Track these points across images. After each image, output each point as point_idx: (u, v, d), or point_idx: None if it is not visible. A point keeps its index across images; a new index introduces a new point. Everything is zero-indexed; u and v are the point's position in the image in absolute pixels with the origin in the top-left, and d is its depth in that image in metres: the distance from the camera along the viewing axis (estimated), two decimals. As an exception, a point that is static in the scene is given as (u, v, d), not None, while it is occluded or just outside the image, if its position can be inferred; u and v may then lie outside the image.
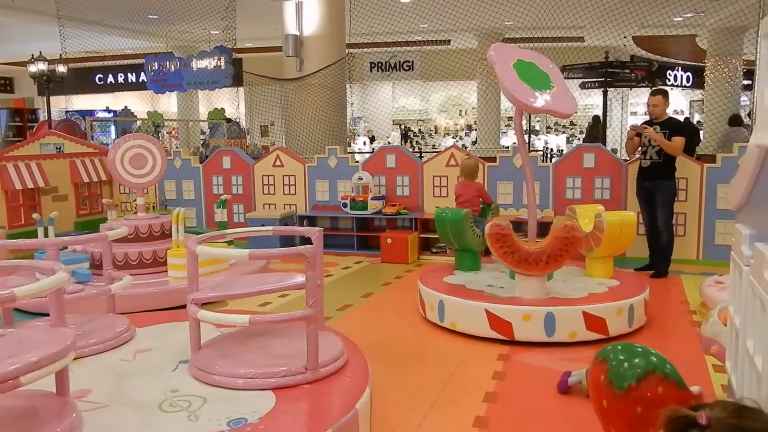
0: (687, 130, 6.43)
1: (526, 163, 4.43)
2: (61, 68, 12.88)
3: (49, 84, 13.01)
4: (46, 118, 13.56)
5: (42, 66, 12.91)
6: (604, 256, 4.79)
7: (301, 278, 2.94)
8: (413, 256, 6.92)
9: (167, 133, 17.41)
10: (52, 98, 14.00)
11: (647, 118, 6.20)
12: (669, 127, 5.81)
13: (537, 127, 19.85)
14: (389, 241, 6.88)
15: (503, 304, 4.13)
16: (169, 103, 20.89)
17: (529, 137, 18.79)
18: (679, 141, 5.73)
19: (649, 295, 4.53)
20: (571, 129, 19.75)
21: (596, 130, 13.77)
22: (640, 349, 2.32)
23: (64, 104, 16.26)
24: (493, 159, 7.25)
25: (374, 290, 5.76)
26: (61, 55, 12.31)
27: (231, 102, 15.09)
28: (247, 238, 6.55)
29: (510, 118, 20.01)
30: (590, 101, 17.83)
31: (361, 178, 7.41)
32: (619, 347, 2.34)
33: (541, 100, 4.07)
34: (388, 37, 13.92)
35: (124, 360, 3.20)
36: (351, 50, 9.60)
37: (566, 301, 4.18)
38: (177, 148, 12.45)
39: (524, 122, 20.28)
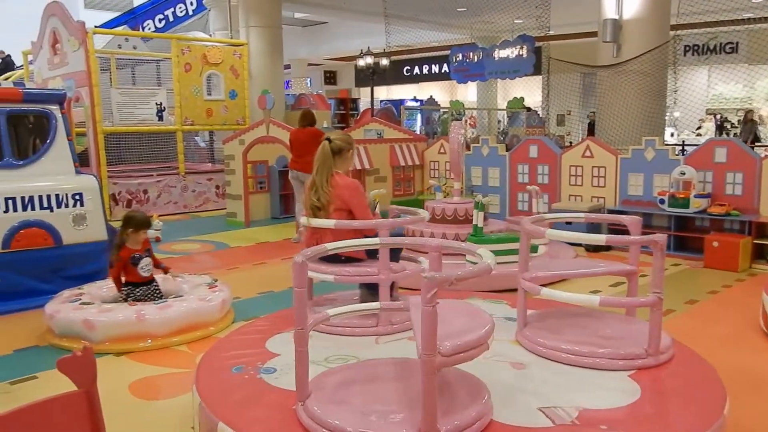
0: None
1: None
2: (384, 61, 14.26)
3: (374, 76, 14.50)
4: (368, 107, 15.13)
5: (369, 60, 14.45)
6: None
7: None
8: (744, 263, 6.09)
9: (464, 121, 18.11)
10: (365, 88, 15.59)
11: None
12: None
13: None
14: (715, 244, 6.15)
15: None
16: (467, 93, 21.72)
17: None
18: None
19: None
20: None
21: None
22: None
23: (385, 94, 17.97)
24: None
25: (699, 297, 5.21)
26: (384, 49, 13.60)
27: (528, 91, 15.05)
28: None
29: None
30: None
31: (684, 173, 6.74)
32: None
33: None
34: (711, 16, 12.44)
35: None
36: (679, 32, 8.77)
37: None
38: (472, 135, 12.90)
39: None
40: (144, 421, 3.08)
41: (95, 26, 11.08)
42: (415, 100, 20.60)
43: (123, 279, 4.44)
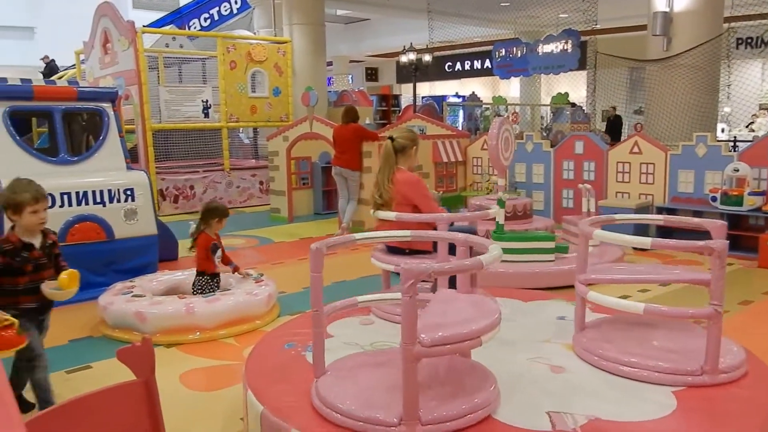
0: None
1: None
2: (427, 57, 14.24)
3: (416, 72, 14.48)
4: (410, 103, 15.11)
5: (411, 56, 14.45)
6: None
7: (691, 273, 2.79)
8: (803, 264, 5.88)
9: (507, 117, 17.90)
10: (406, 84, 15.58)
11: None
12: None
13: None
14: (771, 243, 5.96)
15: None
16: (509, 89, 21.48)
17: None
18: None
19: None
20: None
21: None
22: None
23: (427, 90, 17.93)
24: None
25: (753, 298, 5.05)
26: (427, 45, 13.57)
27: (573, 86, 14.81)
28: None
29: None
30: None
31: (737, 170, 6.53)
32: None
33: None
34: (767, 7, 12.02)
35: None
36: (733, 24, 8.48)
37: None
38: (515, 131, 12.74)
39: None
40: (195, 411, 3.14)
41: (143, 26, 11.34)
42: (457, 96, 20.48)
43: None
